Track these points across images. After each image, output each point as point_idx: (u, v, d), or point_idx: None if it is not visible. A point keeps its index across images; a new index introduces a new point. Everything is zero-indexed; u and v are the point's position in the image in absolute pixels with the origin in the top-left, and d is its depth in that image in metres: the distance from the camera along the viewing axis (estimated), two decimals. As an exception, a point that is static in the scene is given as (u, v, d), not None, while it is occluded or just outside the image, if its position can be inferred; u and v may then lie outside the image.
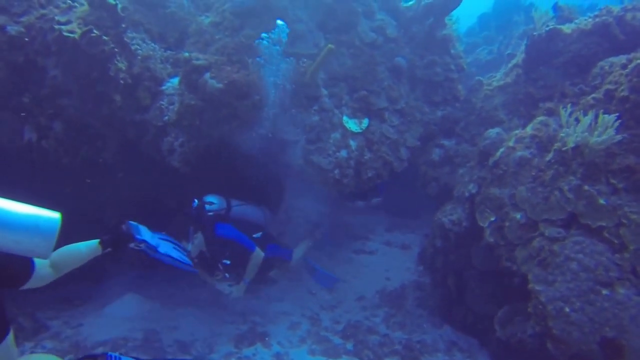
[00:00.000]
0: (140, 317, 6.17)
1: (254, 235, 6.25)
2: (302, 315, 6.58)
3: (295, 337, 6.13)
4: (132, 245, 3.80)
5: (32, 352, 3.93)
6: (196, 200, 5.86)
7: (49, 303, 6.14)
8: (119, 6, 5.59)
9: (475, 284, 6.08)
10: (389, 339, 6.08)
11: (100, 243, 3.40)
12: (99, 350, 3.71)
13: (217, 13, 6.36)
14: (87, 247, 3.36)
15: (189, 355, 5.66)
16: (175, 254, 4.93)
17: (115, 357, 3.32)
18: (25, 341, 5.42)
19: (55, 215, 2.79)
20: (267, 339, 6.00)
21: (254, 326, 6.26)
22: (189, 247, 5.59)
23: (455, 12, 7.36)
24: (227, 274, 5.95)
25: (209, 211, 5.90)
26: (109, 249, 3.51)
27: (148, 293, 6.51)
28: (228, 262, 5.87)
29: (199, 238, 5.69)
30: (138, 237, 3.81)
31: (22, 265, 2.88)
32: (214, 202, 6.03)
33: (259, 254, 5.95)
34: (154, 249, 4.14)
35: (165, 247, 4.68)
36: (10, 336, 2.93)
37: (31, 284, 2.93)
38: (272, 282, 7.06)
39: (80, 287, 6.47)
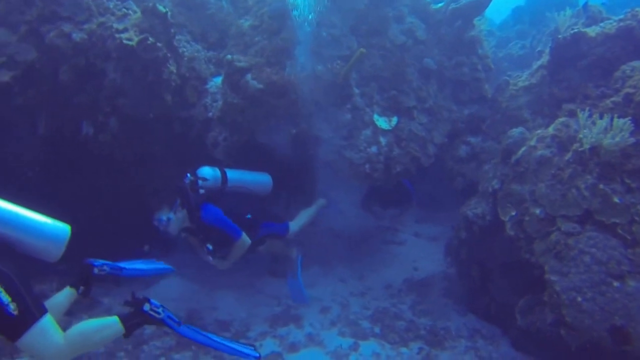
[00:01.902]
0: (182, 298, 6.59)
1: (246, 217, 6.18)
2: (333, 300, 6.89)
3: (326, 320, 6.45)
4: (95, 271, 4.17)
5: None
6: (189, 175, 5.77)
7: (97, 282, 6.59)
8: (169, 13, 6.03)
9: (497, 275, 6.32)
10: (415, 325, 6.35)
11: (71, 287, 4.02)
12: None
13: (255, 16, 6.72)
14: (65, 297, 3.94)
15: (228, 332, 6.06)
16: (141, 265, 4.90)
17: (156, 304, 3.88)
18: (83, 314, 5.92)
19: (65, 226, 3.48)
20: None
21: (288, 309, 6.61)
22: (170, 215, 5.56)
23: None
24: (210, 257, 5.91)
25: (201, 188, 5.76)
26: (82, 288, 4.09)
27: (189, 276, 6.91)
28: (210, 247, 5.81)
29: (183, 214, 5.64)
30: (97, 263, 4.20)
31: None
32: (207, 177, 5.88)
33: (243, 241, 5.85)
34: (119, 267, 4.42)
35: (130, 264, 4.71)
36: (47, 318, 3.32)
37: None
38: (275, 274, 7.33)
39: None
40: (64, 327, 3.52)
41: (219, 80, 6.47)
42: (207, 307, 6.52)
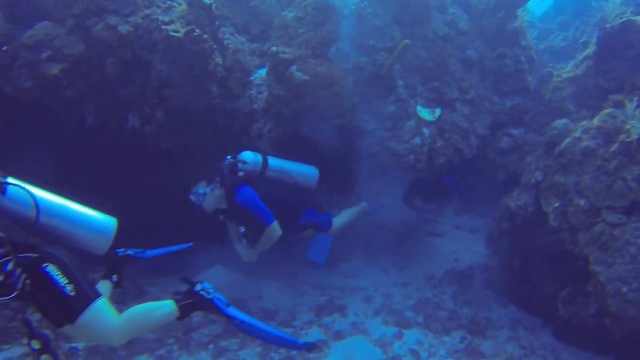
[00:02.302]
0: (227, 287, 6.66)
1: (287, 203, 6.12)
2: (376, 290, 6.99)
3: (370, 309, 6.54)
4: (119, 254, 4.29)
5: None
6: (229, 157, 5.79)
7: (144, 273, 6.74)
8: (214, 5, 6.10)
9: (539, 266, 6.36)
10: (457, 315, 6.42)
11: (103, 279, 4.16)
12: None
13: (299, 8, 6.75)
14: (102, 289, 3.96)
15: (274, 321, 6.17)
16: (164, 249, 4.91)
17: (207, 285, 3.97)
18: (131, 302, 6.11)
19: (112, 219, 3.58)
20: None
21: (332, 298, 6.72)
22: (206, 190, 5.77)
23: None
24: (239, 248, 6.00)
25: (241, 170, 5.75)
26: (114, 277, 4.25)
27: (234, 267, 6.99)
28: (243, 229, 5.85)
29: (220, 193, 5.78)
30: (119, 250, 4.30)
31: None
32: (247, 161, 5.86)
33: (273, 229, 5.73)
34: (141, 250, 4.48)
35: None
36: (102, 300, 3.41)
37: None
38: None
39: (168, 260, 7.12)
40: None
41: (263, 72, 6.54)
42: (253, 296, 6.65)
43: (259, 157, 5.97)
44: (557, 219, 5.75)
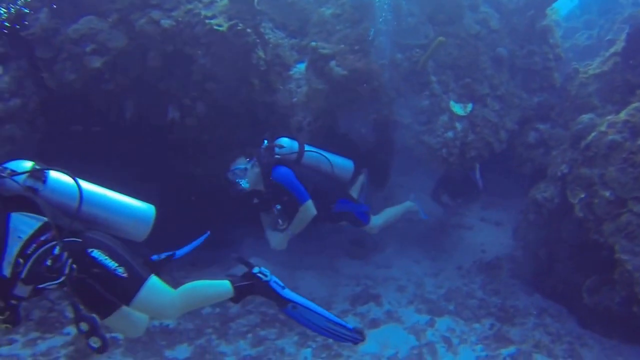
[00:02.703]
0: None
1: (322, 188, 6.09)
2: (409, 280, 7.17)
3: (403, 298, 6.74)
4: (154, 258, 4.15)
5: None
6: (266, 141, 5.86)
7: (178, 266, 6.79)
8: (255, 0, 6.32)
9: (565, 256, 6.53)
10: (486, 303, 6.62)
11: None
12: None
13: (337, 5, 6.96)
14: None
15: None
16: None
17: (264, 269, 4.08)
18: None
19: (151, 207, 3.68)
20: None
21: (366, 288, 6.90)
22: (247, 165, 5.76)
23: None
24: (280, 220, 5.93)
25: (277, 154, 5.82)
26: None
27: (270, 258, 7.04)
28: (279, 206, 5.85)
29: (257, 171, 5.77)
30: (155, 257, 4.19)
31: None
32: (284, 145, 5.92)
33: (308, 207, 5.75)
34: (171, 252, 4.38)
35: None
36: (155, 277, 3.50)
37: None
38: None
39: (202, 253, 7.26)
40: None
41: (302, 66, 6.75)
42: (289, 286, 6.77)
43: (295, 144, 6.04)
44: (582, 210, 5.90)
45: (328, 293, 6.83)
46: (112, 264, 3.24)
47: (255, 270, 4.04)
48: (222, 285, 3.88)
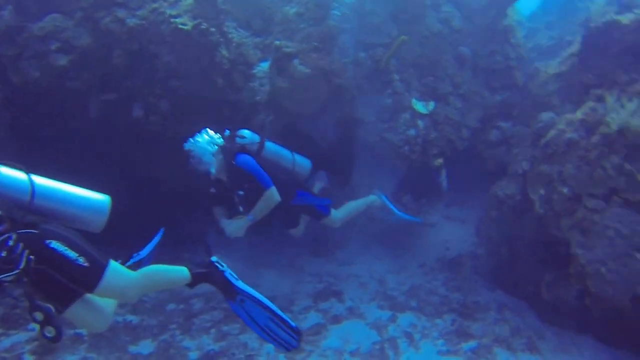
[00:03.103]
0: None
1: (282, 179, 5.98)
2: (371, 277, 7.22)
3: (365, 295, 6.77)
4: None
5: None
6: (228, 130, 5.82)
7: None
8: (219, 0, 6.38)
9: (525, 252, 6.60)
10: (448, 299, 6.67)
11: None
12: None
13: (300, 4, 6.97)
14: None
15: (273, 306, 6.45)
16: (152, 242, 4.93)
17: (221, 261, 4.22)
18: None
19: (107, 197, 3.70)
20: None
21: (329, 285, 6.94)
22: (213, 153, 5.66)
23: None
24: (240, 207, 5.80)
25: (238, 143, 5.79)
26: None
27: (232, 256, 6.98)
28: (242, 192, 5.73)
29: (220, 158, 5.67)
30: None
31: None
32: (245, 135, 5.90)
33: (272, 193, 5.64)
34: (137, 254, 4.53)
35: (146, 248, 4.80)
36: (114, 263, 3.55)
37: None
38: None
39: (169, 251, 7.24)
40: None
41: (265, 65, 6.78)
42: (251, 284, 6.62)
43: (256, 136, 5.99)
44: (542, 206, 6.03)
45: (290, 290, 6.87)
46: (72, 254, 3.26)
47: (214, 259, 4.22)
48: (180, 271, 4.00)
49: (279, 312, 4.33)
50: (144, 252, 4.57)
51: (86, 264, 3.29)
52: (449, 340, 5.89)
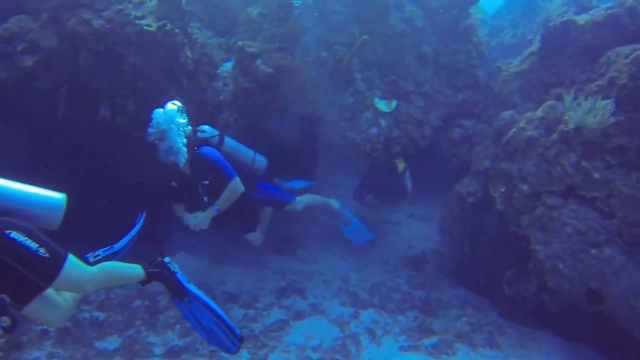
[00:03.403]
0: (192, 273, 6.82)
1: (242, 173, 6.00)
2: (334, 275, 7.28)
3: (328, 292, 6.84)
4: (91, 260, 4.20)
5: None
6: (190, 126, 5.78)
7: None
8: (183, 1, 6.41)
9: (487, 249, 6.73)
10: (410, 296, 6.76)
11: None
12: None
13: (264, 5, 7.06)
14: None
15: (237, 303, 6.45)
16: (128, 235, 4.87)
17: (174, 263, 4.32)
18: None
19: (62, 195, 3.70)
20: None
21: (292, 282, 7.00)
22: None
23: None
24: (205, 198, 5.87)
25: (200, 137, 5.91)
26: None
27: (198, 254, 7.27)
28: (207, 181, 5.79)
29: (185, 151, 5.60)
30: (89, 255, 4.27)
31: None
32: (206, 130, 6.02)
33: (236, 184, 5.76)
34: (110, 247, 4.50)
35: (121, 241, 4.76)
36: (72, 256, 3.55)
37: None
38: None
39: (136, 250, 7.24)
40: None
41: (229, 65, 6.83)
42: (216, 281, 6.91)
43: (216, 132, 6.10)
44: (503, 203, 6.15)
45: (254, 287, 6.91)
46: (32, 244, 3.26)
47: (166, 260, 4.33)
48: (135, 269, 4.11)
49: (227, 318, 4.46)
50: (118, 246, 4.59)
51: (46, 255, 3.30)
52: (411, 336, 5.99)
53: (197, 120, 6.74)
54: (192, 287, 4.37)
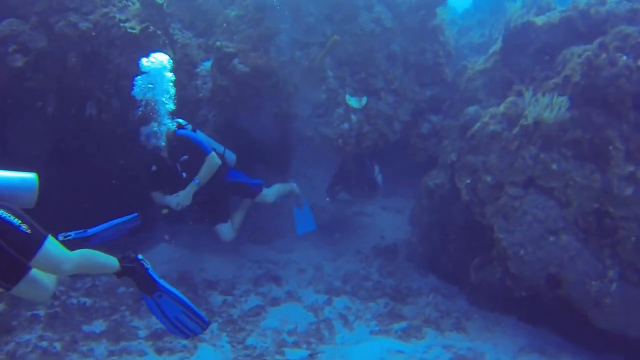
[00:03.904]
0: (173, 261, 7.16)
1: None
2: (309, 264, 7.55)
3: (303, 280, 7.13)
4: (60, 238, 4.34)
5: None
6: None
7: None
8: (164, 4, 6.69)
9: (455, 239, 7.03)
10: (381, 284, 7.02)
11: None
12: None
13: (241, 7, 7.36)
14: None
15: (216, 290, 6.70)
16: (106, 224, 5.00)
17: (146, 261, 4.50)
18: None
19: (33, 174, 3.86)
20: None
21: (268, 271, 7.25)
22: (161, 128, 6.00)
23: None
24: (184, 174, 6.15)
25: (176, 121, 6.25)
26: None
27: (179, 243, 7.45)
28: (186, 157, 6.10)
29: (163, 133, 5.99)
30: (60, 235, 4.42)
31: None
32: (180, 121, 6.33)
33: (213, 157, 6.13)
34: (83, 231, 4.65)
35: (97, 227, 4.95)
36: (49, 241, 3.63)
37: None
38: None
39: (119, 241, 7.35)
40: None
41: (208, 64, 7.08)
42: (196, 269, 7.14)
43: (189, 125, 6.43)
44: (468, 194, 6.46)
45: (232, 275, 7.16)
46: (15, 220, 3.40)
47: (140, 257, 4.50)
48: (111, 260, 4.25)
49: (195, 308, 4.66)
50: (91, 231, 4.72)
51: (28, 231, 3.43)
52: (381, 321, 6.25)
53: (177, 116, 7.00)
54: (163, 282, 4.54)
